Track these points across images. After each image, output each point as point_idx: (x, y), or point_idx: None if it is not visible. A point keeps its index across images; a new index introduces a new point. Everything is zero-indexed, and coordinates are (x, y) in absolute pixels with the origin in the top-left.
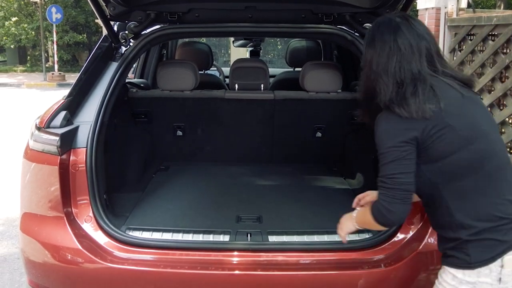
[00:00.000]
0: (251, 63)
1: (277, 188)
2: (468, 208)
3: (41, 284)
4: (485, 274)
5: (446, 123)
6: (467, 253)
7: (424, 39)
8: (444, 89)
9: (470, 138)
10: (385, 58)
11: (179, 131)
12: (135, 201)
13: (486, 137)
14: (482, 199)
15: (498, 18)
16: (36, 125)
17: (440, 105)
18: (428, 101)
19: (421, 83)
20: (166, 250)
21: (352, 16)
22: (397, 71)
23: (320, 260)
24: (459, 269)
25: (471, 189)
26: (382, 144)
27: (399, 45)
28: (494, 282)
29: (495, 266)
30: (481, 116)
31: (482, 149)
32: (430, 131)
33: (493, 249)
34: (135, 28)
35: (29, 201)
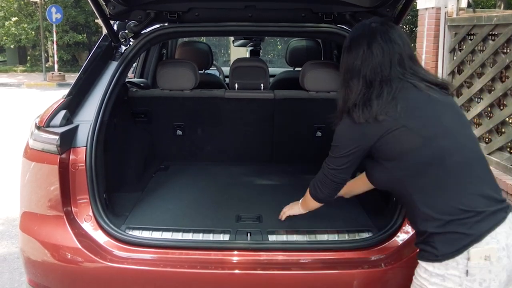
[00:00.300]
0: (251, 63)
1: (277, 187)
2: (432, 201)
3: (41, 283)
4: (453, 267)
5: (401, 124)
6: (434, 246)
7: (397, 44)
8: (409, 92)
9: (431, 136)
10: (358, 61)
11: (179, 130)
12: (134, 201)
13: (450, 134)
14: (446, 193)
15: (498, 18)
16: (36, 124)
17: (397, 108)
18: (388, 104)
19: (387, 86)
20: (166, 250)
21: (352, 15)
22: (368, 74)
23: (320, 259)
24: (429, 262)
25: (434, 183)
26: (335, 141)
27: (371, 50)
28: (461, 275)
29: (461, 259)
30: (449, 115)
31: (444, 146)
32: (384, 134)
33: (459, 242)
34: (135, 27)
35: (29, 200)
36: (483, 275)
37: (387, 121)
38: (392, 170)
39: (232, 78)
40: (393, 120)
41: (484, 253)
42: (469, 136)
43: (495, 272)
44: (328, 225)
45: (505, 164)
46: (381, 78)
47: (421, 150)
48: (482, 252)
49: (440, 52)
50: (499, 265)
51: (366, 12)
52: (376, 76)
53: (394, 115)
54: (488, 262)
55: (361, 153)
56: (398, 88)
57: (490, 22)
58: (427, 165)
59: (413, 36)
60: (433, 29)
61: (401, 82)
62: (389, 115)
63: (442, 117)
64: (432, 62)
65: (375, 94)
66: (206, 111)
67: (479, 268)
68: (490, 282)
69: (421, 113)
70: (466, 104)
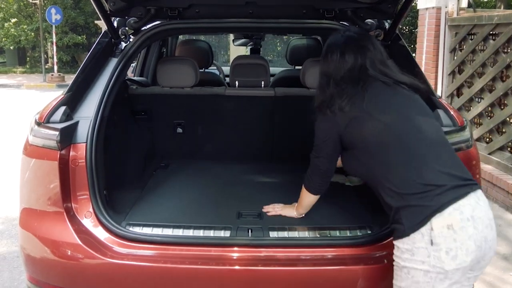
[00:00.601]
0: (251, 60)
1: (277, 185)
2: (395, 179)
3: (41, 279)
4: (419, 239)
5: (365, 112)
6: (401, 222)
7: (369, 51)
8: (378, 88)
9: (391, 121)
10: (332, 66)
11: (179, 128)
12: (135, 198)
13: (410, 120)
14: (407, 171)
15: (499, 17)
16: (36, 120)
17: (364, 100)
18: (355, 97)
19: (356, 85)
20: (166, 246)
21: (353, 12)
22: (339, 77)
23: (321, 255)
24: (399, 239)
25: (395, 163)
26: (315, 133)
27: (344, 56)
28: (427, 246)
29: (425, 230)
30: (411, 106)
31: (404, 130)
32: (350, 121)
33: (422, 214)
34: (135, 24)
35: (29, 197)
36: (448, 244)
37: (353, 110)
38: (359, 156)
39: (232, 75)
40: (358, 110)
41: (446, 222)
42: (431, 123)
43: (461, 241)
44: (329, 222)
45: (505, 164)
46: (350, 78)
47: (382, 133)
48: (444, 221)
49: (440, 52)
50: (464, 234)
51: (367, 8)
52: (347, 78)
53: (361, 105)
54: (452, 231)
55: (335, 140)
56: (367, 86)
57: (491, 22)
58: (387, 146)
59: (412, 37)
60: (434, 29)
61: (371, 81)
62: (356, 106)
63: (404, 107)
64: (433, 62)
65: (344, 91)
66: (207, 108)
67: (443, 237)
68: (456, 251)
69: (385, 103)
70: (467, 104)
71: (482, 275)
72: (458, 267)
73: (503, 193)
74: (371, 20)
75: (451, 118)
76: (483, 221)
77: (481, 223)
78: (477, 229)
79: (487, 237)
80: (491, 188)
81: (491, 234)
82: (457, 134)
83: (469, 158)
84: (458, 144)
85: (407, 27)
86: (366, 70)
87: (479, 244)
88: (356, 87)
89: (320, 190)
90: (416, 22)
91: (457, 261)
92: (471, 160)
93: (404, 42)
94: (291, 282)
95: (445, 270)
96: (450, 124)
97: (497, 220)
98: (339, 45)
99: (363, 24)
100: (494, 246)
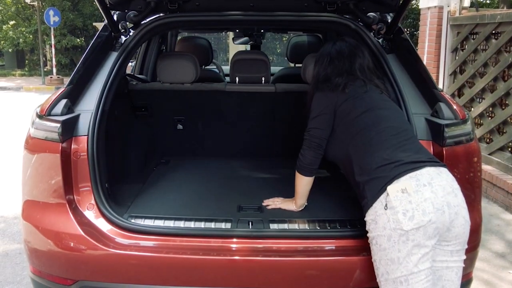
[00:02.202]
0: (252, 55)
1: (277, 180)
2: (364, 157)
3: (44, 271)
4: (379, 207)
5: (349, 99)
6: (365, 195)
7: (359, 57)
8: (357, 85)
9: (370, 108)
10: (327, 69)
11: (179, 124)
12: (136, 192)
13: (379, 109)
14: (375, 150)
15: (502, 16)
16: (37, 113)
17: (346, 90)
18: (341, 85)
19: (342, 77)
20: (168, 237)
21: (356, 5)
22: (329, 73)
23: (321, 247)
24: (366, 213)
25: (367, 143)
26: (312, 109)
27: (334, 61)
28: (386, 211)
29: (383, 197)
30: (381, 101)
31: (379, 115)
32: (341, 101)
33: (380, 184)
34: (135, 18)
35: (31, 189)
36: (404, 206)
37: (344, 93)
38: (340, 135)
39: (232, 71)
40: (347, 94)
41: (400, 187)
42: (400, 116)
43: (416, 202)
44: (328, 214)
45: (506, 164)
46: (338, 72)
47: (362, 116)
48: (398, 186)
49: (442, 52)
50: (419, 197)
51: (369, 1)
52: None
53: (350, 90)
54: (406, 194)
55: (331, 114)
56: (351, 80)
57: (494, 20)
58: (364, 128)
59: (414, 39)
60: (435, 29)
61: (356, 79)
62: (346, 89)
63: (380, 101)
64: (434, 62)
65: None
66: (207, 104)
67: (398, 200)
68: (413, 212)
69: (365, 95)
70: (468, 104)
71: (480, 272)
72: (416, 227)
73: (503, 193)
74: (373, 13)
75: (452, 111)
76: (444, 188)
77: (441, 190)
78: (435, 194)
79: (450, 202)
80: (490, 188)
81: (455, 200)
82: (458, 127)
83: (469, 152)
84: (458, 137)
85: (408, 29)
86: (355, 72)
87: (439, 208)
88: (345, 76)
89: (312, 169)
90: (417, 24)
91: (414, 220)
92: (472, 155)
93: (407, 36)
94: (291, 272)
95: (404, 230)
96: (451, 117)
97: (496, 219)
98: (331, 49)
99: (365, 17)
100: (463, 213)
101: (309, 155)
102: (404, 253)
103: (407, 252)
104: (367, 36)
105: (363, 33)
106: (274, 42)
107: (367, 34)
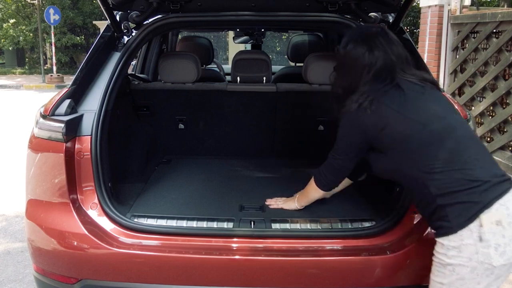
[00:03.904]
0: (253, 55)
1: (279, 180)
2: (439, 178)
3: (47, 269)
4: (467, 236)
5: (400, 114)
6: (447, 219)
7: (400, 46)
8: (407, 87)
9: (426, 122)
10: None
11: (181, 124)
12: (138, 191)
13: (442, 119)
14: (450, 169)
15: (503, 14)
16: (41, 113)
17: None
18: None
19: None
20: (171, 236)
21: (357, 5)
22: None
23: (323, 247)
24: (444, 236)
25: (439, 162)
26: (340, 134)
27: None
28: (476, 242)
29: (474, 226)
30: (440, 105)
31: (439, 130)
32: (383, 122)
33: (470, 211)
34: (137, 18)
35: (35, 188)
36: (497, 240)
37: (383, 110)
38: (396, 158)
39: (234, 71)
40: (390, 109)
41: (495, 218)
42: (460, 121)
43: (509, 237)
44: (331, 214)
45: (506, 163)
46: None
47: (420, 135)
48: (493, 217)
49: (442, 50)
50: None
51: (371, 1)
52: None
53: (391, 105)
54: (500, 227)
55: (362, 143)
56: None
57: (495, 19)
58: (430, 148)
59: (414, 37)
60: (436, 27)
61: (398, 79)
62: (386, 105)
63: (435, 106)
64: (434, 61)
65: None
66: (208, 104)
67: (492, 233)
68: (505, 247)
69: (416, 103)
70: (468, 103)
71: None
72: (505, 263)
73: None
74: (374, 13)
75: None
76: None
77: None
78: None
79: None
80: None
81: None
82: None
83: None
84: None
85: (408, 27)
86: (395, 67)
87: None
88: (382, 84)
89: (330, 188)
90: (417, 22)
91: (505, 256)
92: None
93: (408, 36)
94: (293, 272)
95: (492, 266)
96: None
97: None
98: (371, 35)
99: (366, 17)
100: None
101: (330, 179)
102: (483, 285)
103: (487, 284)
104: None
105: None
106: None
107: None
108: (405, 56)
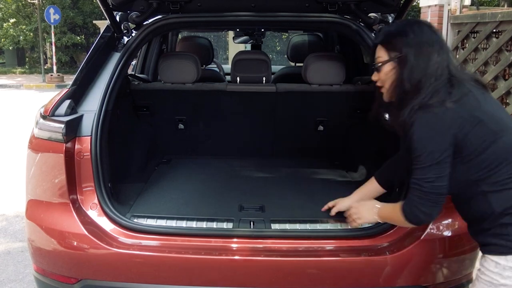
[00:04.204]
0: (253, 55)
1: (279, 180)
2: (506, 195)
3: (47, 269)
4: None
5: (478, 118)
6: (508, 238)
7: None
8: (468, 87)
9: (497, 131)
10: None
11: (180, 124)
12: (138, 191)
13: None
14: None
15: (503, 14)
16: (41, 114)
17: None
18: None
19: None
20: (170, 236)
21: (357, 5)
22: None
23: (323, 247)
24: (501, 255)
25: (508, 177)
26: (422, 148)
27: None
28: None
29: None
30: (501, 110)
31: (510, 140)
32: (466, 127)
33: None
34: (137, 18)
35: (35, 188)
36: None
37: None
38: (466, 172)
39: (233, 71)
40: (471, 113)
41: None
42: None
43: None
44: (330, 215)
45: None
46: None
47: (494, 146)
48: None
49: None
50: None
51: (371, 1)
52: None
53: (471, 108)
54: None
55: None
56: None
57: (495, 19)
58: (502, 161)
59: None
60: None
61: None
62: (464, 107)
63: (499, 111)
64: None
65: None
66: (208, 104)
67: None
68: None
69: (484, 108)
70: None
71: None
72: None
73: None
74: (374, 14)
75: None
76: None
77: None
78: None
79: None
80: None
81: None
82: None
83: None
84: None
85: None
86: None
87: None
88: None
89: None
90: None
91: None
92: None
93: None
94: (292, 272)
95: None
96: None
97: None
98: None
99: (366, 18)
100: None
101: (434, 212)
102: None
103: None
104: (368, 37)
105: (364, 34)
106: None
107: (368, 34)
108: None
